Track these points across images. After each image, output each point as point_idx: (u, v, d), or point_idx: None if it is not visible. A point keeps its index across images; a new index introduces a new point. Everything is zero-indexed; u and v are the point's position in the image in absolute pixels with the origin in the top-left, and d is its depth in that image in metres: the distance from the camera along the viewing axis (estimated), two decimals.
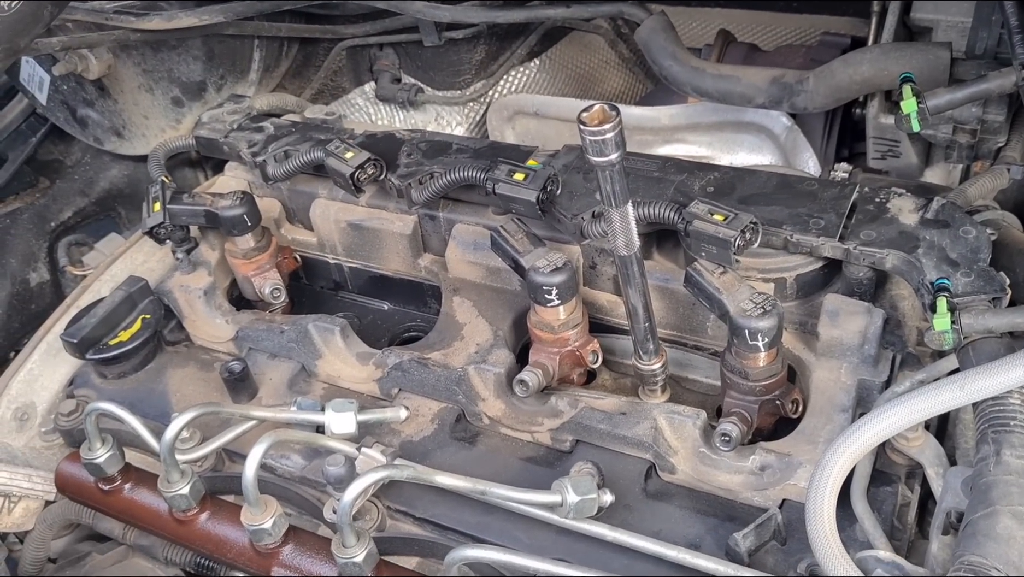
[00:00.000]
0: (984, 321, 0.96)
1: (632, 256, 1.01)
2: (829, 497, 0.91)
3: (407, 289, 1.45)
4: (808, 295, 1.19)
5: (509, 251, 1.17)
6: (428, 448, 1.19)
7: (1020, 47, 1.10)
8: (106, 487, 1.23)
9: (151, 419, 1.28)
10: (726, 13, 1.87)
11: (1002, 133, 1.32)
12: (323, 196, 1.43)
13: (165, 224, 1.38)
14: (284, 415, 1.17)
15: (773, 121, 1.54)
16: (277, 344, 1.33)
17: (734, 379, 1.09)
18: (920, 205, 1.13)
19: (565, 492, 1.00)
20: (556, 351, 1.18)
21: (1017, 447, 0.87)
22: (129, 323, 1.37)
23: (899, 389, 1.02)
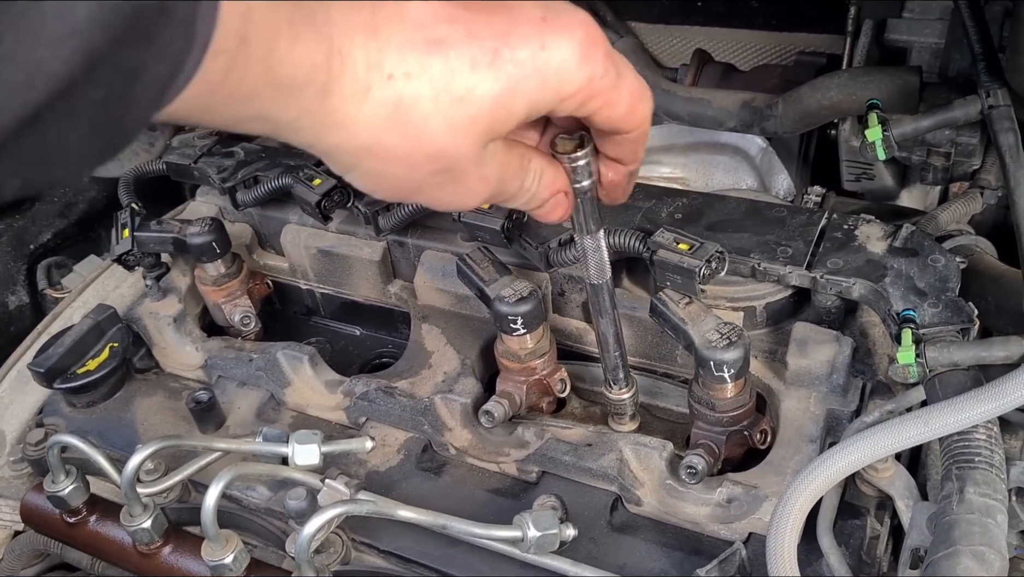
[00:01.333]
0: (949, 354, 0.95)
1: (603, 284, 0.99)
2: (790, 534, 0.90)
3: (378, 315, 1.44)
4: (778, 323, 1.18)
5: (475, 280, 1.15)
6: (394, 479, 1.18)
7: (984, 75, 1.10)
8: (71, 519, 1.21)
9: (119, 449, 1.27)
10: (704, 31, 1.86)
11: (976, 155, 1.31)
12: (293, 222, 1.42)
13: (133, 251, 1.37)
14: (248, 446, 1.15)
15: (748, 143, 1.53)
16: (246, 372, 1.32)
17: (701, 410, 1.08)
18: (889, 232, 1.12)
19: (526, 527, 0.99)
20: (523, 380, 1.16)
21: (981, 484, 0.86)
22: (97, 352, 1.36)
23: (868, 419, 1.00)
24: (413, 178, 0.65)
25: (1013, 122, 1.11)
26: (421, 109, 0.60)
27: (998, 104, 1.12)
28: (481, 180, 0.69)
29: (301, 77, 0.55)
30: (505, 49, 0.62)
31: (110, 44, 0.43)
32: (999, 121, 1.11)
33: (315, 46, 0.55)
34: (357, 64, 0.58)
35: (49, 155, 0.46)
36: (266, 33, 0.52)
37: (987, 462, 0.87)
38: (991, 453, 0.88)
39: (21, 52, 0.41)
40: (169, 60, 0.47)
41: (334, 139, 0.61)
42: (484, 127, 0.64)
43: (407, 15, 0.60)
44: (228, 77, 0.52)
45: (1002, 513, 0.84)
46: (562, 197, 0.80)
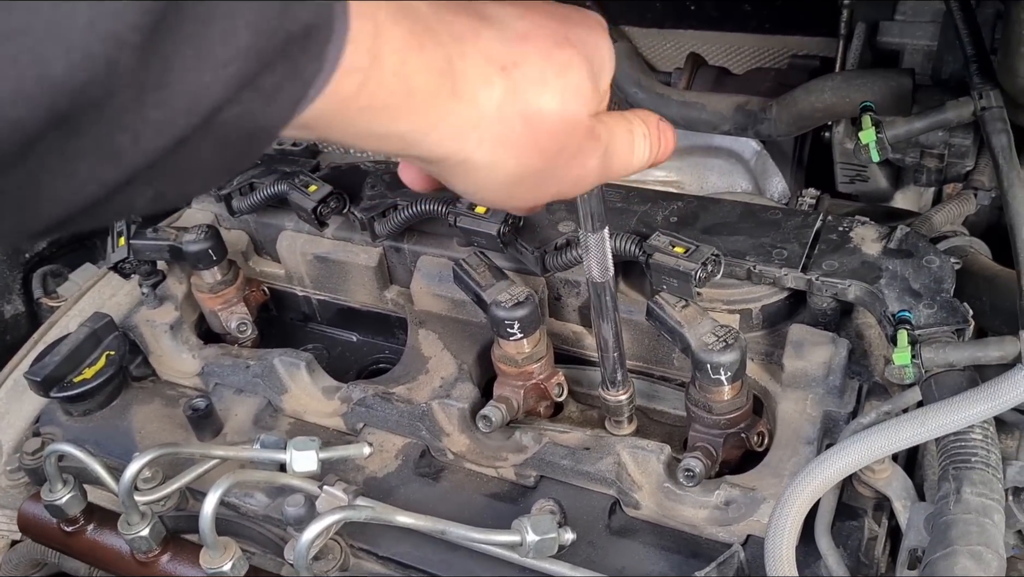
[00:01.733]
0: (945, 355, 0.95)
1: (606, 284, 1.00)
2: (788, 536, 0.90)
3: (375, 321, 1.44)
4: (774, 325, 1.18)
5: (471, 285, 1.16)
6: (392, 484, 1.18)
7: (977, 77, 1.10)
8: (68, 528, 1.21)
9: (116, 457, 1.27)
10: (698, 35, 1.87)
11: (969, 157, 1.31)
12: (289, 228, 1.42)
13: (129, 259, 1.37)
14: (246, 453, 1.15)
15: (742, 146, 1.53)
16: (243, 379, 1.32)
17: (698, 412, 1.08)
18: (884, 234, 1.12)
19: (524, 532, 0.99)
20: (520, 385, 1.17)
21: (977, 484, 0.86)
22: (93, 360, 1.35)
23: (864, 420, 1.00)
24: (545, 166, 0.70)
25: (1006, 123, 1.11)
26: (534, 91, 0.66)
27: (990, 105, 1.13)
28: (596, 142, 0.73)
29: (433, 83, 0.59)
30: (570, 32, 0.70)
31: (260, 68, 0.45)
32: (992, 122, 1.11)
33: (437, 53, 0.59)
34: (476, 64, 0.63)
35: (188, 172, 0.47)
36: (395, 47, 0.55)
37: (984, 462, 0.88)
38: (987, 453, 0.88)
39: (188, 76, 0.42)
40: (303, 82, 0.50)
41: (472, 139, 0.64)
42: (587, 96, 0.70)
43: (491, 17, 0.66)
44: (362, 91, 0.54)
45: (999, 513, 0.84)
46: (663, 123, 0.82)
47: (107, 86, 0.40)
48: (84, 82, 0.39)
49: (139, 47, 0.40)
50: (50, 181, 0.42)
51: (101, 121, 0.41)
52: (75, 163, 0.42)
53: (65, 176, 0.42)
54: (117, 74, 0.40)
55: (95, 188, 0.44)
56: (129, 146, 0.43)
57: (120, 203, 0.47)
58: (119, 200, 0.46)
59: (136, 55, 0.40)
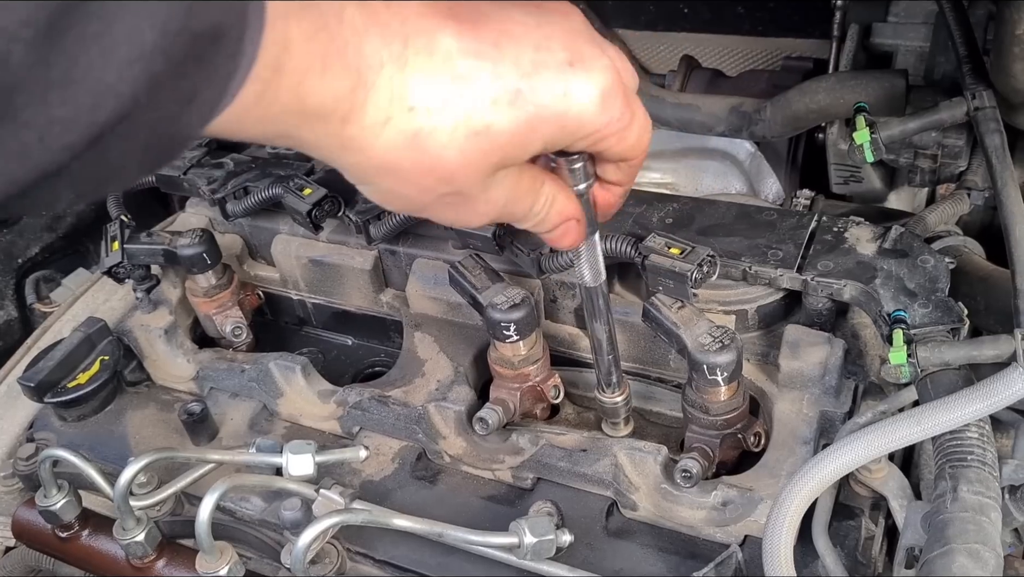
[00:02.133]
0: (941, 354, 0.95)
1: (598, 288, 0.99)
2: (786, 536, 0.90)
3: (370, 324, 1.43)
4: (770, 326, 1.18)
5: (467, 287, 1.15)
6: (389, 488, 1.18)
7: (969, 77, 1.11)
8: (63, 534, 1.21)
9: (111, 462, 1.26)
10: (692, 38, 1.88)
11: (962, 157, 1.32)
12: (284, 232, 1.42)
13: (123, 264, 1.36)
14: (241, 457, 1.15)
15: (737, 147, 1.54)
16: (238, 383, 1.32)
17: (695, 413, 1.08)
18: (878, 234, 1.13)
19: (522, 533, 0.99)
20: (517, 387, 1.16)
21: (974, 482, 0.86)
22: (87, 365, 1.35)
23: (861, 420, 1.01)
24: (423, 199, 0.69)
25: (999, 123, 1.11)
26: (437, 140, 0.63)
27: (983, 106, 1.13)
28: (488, 203, 0.72)
29: (326, 106, 0.58)
30: (528, 91, 0.65)
31: (169, 69, 0.45)
32: (985, 123, 1.12)
33: (343, 78, 0.58)
34: (381, 96, 0.61)
35: (104, 172, 0.48)
36: (299, 65, 0.55)
37: (980, 460, 0.88)
38: (984, 451, 0.89)
39: (93, 74, 0.43)
40: (218, 84, 0.50)
41: (351, 159, 0.64)
42: (496, 159, 0.67)
43: (437, 49, 0.62)
44: (259, 102, 0.54)
45: (996, 511, 0.85)
46: (573, 224, 0.82)
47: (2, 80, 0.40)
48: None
49: (33, 43, 0.40)
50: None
51: (4, 118, 0.41)
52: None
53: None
54: (11, 69, 0.40)
55: (5, 185, 0.44)
56: (35, 143, 0.43)
57: (39, 200, 0.47)
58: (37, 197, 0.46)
59: (31, 51, 0.40)
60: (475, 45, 0.64)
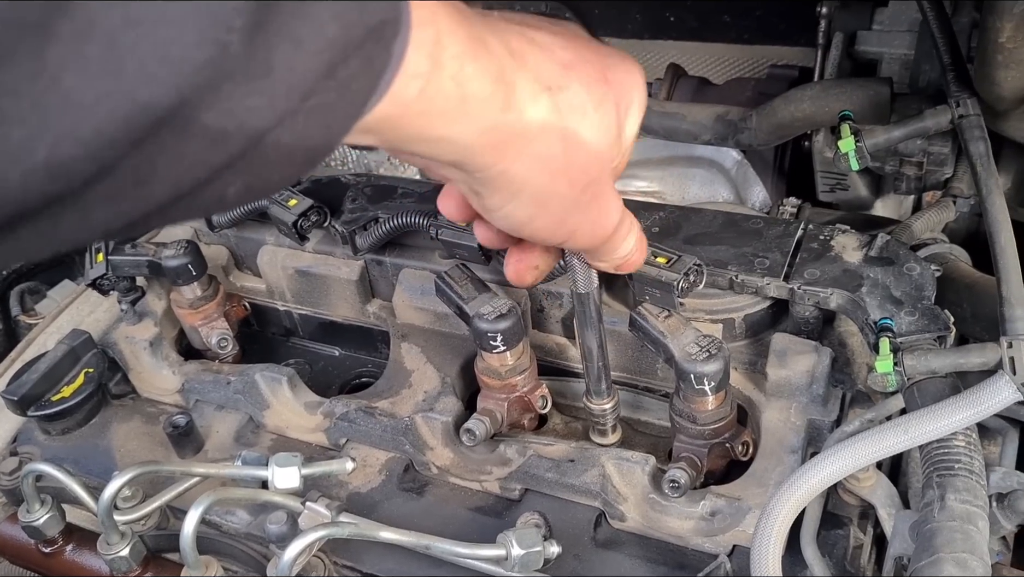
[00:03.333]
0: (927, 362, 0.95)
1: (589, 295, 0.99)
2: (774, 546, 0.90)
3: (357, 335, 1.43)
4: (757, 334, 1.18)
5: (453, 297, 1.15)
6: (376, 500, 1.17)
7: (954, 85, 1.11)
8: (47, 549, 1.20)
9: (95, 476, 1.25)
10: (678, 46, 1.88)
11: (948, 165, 1.32)
12: (270, 242, 1.41)
13: (108, 275, 1.35)
14: (227, 471, 1.14)
15: (723, 156, 1.54)
16: (224, 395, 1.31)
17: (682, 423, 1.08)
18: (864, 242, 1.13)
19: (510, 545, 0.98)
20: (504, 397, 1.16)
21: (961, 491, 0.86)
22: (72, 378, 1.34)
23: (848, 429, 1.00)
24: (571, 195, 0.73)
25: (983, 130, 1.12)
26: (574, 118, 0.69)
27: (968, 113, 1.13)
28: (615, 199, 0.78)
29: (487, 91, 0.62)
30: (608, 71, 0.73)
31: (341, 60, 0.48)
32: (969, 130, 1.12)
33: (490, 64, 0.62)
34: (525, 80, 0.65)
35: (271, 159, 0.50)
36: (454, 53, 0.58)
37: (967, 469, 0.88)
38: (971, 460, 0.88)
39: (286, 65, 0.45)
40: (374, 74, 0.52)
41: (513, 152, 0.67)
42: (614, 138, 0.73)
43: (540, 42, 0.69)
44: (422, 96, 0.57)
45: (983, 519, 0.84)
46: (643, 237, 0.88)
47: (221, 69, 0.42)
48: (201, 63, 0.41)
49: (243, 32, 0.42)
50: (165, 162, 0.44)
51: (215, 105, 0.44)
52: (188, 145, 0.44)
53: (178, 157, 0.45)
54: (228, 57, 0.42)
55: (201, 171, 0.47)
56: (234, 131, 0.45)
57: (214, 191, 0.49)
58: (214, 187, 0.48)
59: (242, 41, 0.42)
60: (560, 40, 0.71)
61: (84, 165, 0.42)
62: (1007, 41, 0.99)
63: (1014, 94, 1.08)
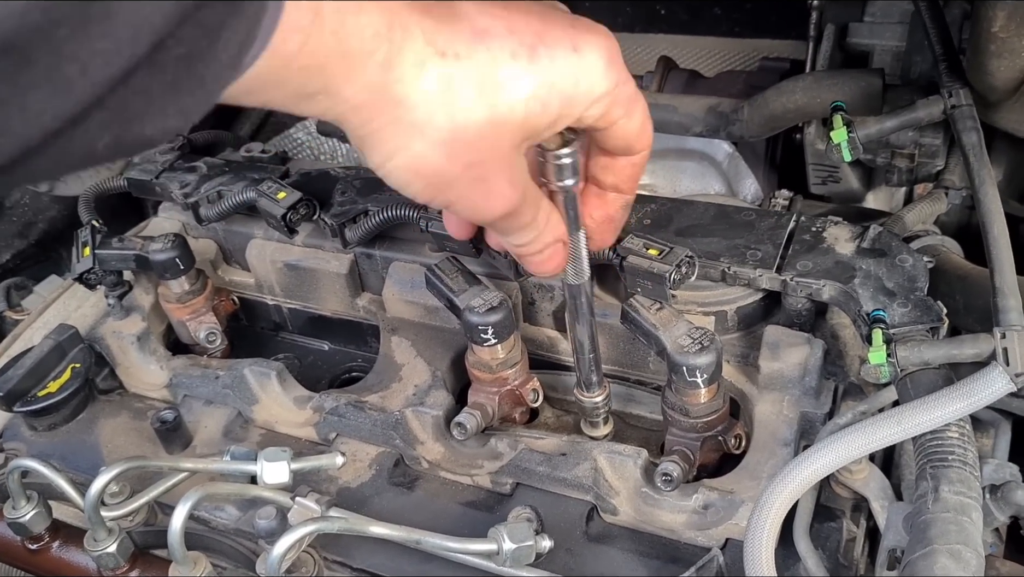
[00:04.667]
0: (920, 353, 0.95)
1: (581, 286, 0.98)
2: (767, 539, 0.89)
3: (347, 329, 1.42)
4: (750, 327, 1.18)
5: (444, 290, 1.14)
6: (366, 494, 1.16)
7: (946, 75, 1.10)
8: (33, 546, 1.18)
9: (82, 472, 1.24)
10: (669, 39, 1.88)
11: (940, 156, 1.32)
12: (259, 236, 1.40)
13: (95, 270, 1.34)
14: (215, 466, 1.13)
15: (715, 148, 1.53)
16: (212, 390, 1.30)
17: (675, 416, 1.07)
18: (857, 233, 1.12)
19: (501, 540, 0.98)
20: (495, 391, 1.15)
21: (955, 483, 0.86)
22: (58, 373, 1.32)
23: (841, 421, 1.00)
24: (451, 170, 0.69)
25: (975, 121, 1.11)
26: (468, 94, 0.65)
27: (960, 104, 1.13)
28: (509, 185, 0.73)
29: (367, 46, 0.60)
30: (542, 46, 0.68)
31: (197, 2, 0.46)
32: (962, 120, 1.12)
33: (378, 16, 0.60)
34: (416, 38, 0.62)
35: (138, 109, 0.48)
36: (337, 6, 0.56)
37: (961, 460, 0.87)
38: (964, 451, 0.88)
39: (130, 7, 0.44)
40: (247, 20, 0.51)
41: (390, 115, 0.64)
42: (519, 121, 0.68)
43: (455, 7, 0.65)
44: (302, 50, 0.56)
45: (977, 511, 0.84)
46: (560, 247, 0.85)
47: (49, 13, 0.41)
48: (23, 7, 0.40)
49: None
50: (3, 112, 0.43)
51: (49, 51, 0.42)
52: (27, 93, 0.43)
53: (19, 107, 0.44)
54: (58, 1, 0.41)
55: (48, 120, 0.45)
56: (78, 76, 0.44)
57: (78, 143, 0.48)
58: (76, 139, 0.47)
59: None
60: (488, 7, 0.67)
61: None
62: (1000, 30, 0.98)
63: (1006, 84, 1.08)
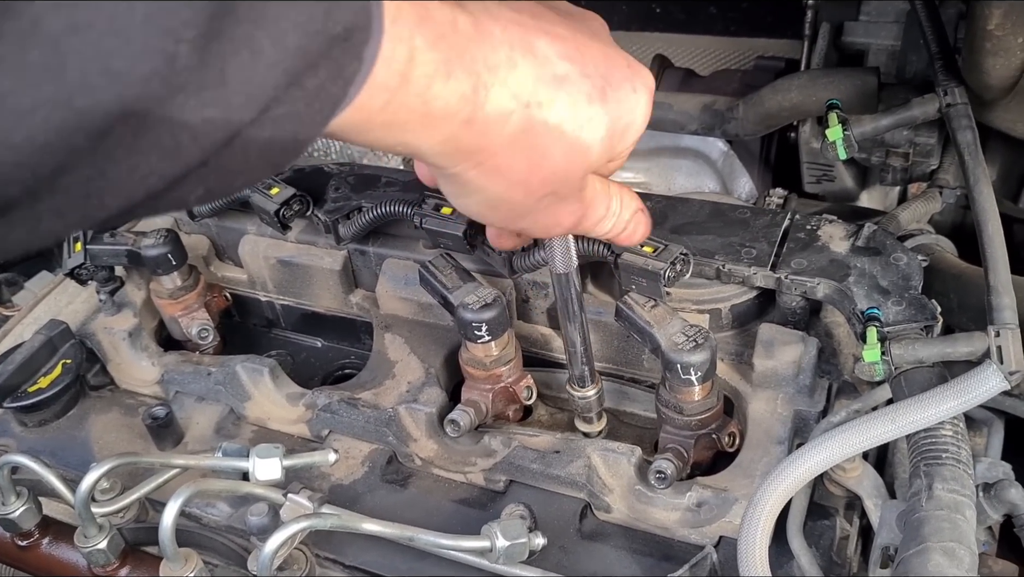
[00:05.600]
0: (914, 351, 0.94)
1: (569, 276, 0.98)
2: (761, 537, 0.89)
3: (340, 325, 1.41)
4: (744, 325, 1.18)
5: (438, 287, 1.14)
6: (359, 492, 1.16)
7: (941, 74, 1.10)
8: (22, 542, 1.17)
9: (73, 468, 1.23)
10: (665, 38, 1.87)
11: (934, 155, 1.32)
12: (252, 232, 1.39)
13: (86, 265, 1.33)
14: (207, 462, 1.12)
15: (710, 146, 1.53)
16: (204, 387, 1.29)
17: (669, 414, 1.07)
18: (851, 232, 1.12)
19: (494, 537, 0.97)
20: (489, 388, 1.15)
21: (949, 480, 0.86)
22: (49, 369, 1.32)
23: (835, 419, 1.00)
24: (526, 203, 0.72)
25: (971, 120, 1.11)
26: (548, 136, 0.67)
27: (955, 102, 1.13)
28: (579, 201, 0.77)
29: (451, 108, 0.61)
30: (609, 88, 0.71)
31: (306, 68, 0.47)
32: (957, 119, 1.12)
33: (464, 81, 0.61)
34: (501, 95, 0.64)
35: (235, 167, 0.49)
36: (425, 72, 0.58)
37: (954, 458, 0.87)
38: (958, 449, 0.88)
39: (243, 76, 0.45)
40: (343, 83, 0.52)
41: (471, 162, 0.66)
42: (595, 156, 0.71)
43: (537, 53, 0.67)
44: (386, 108, 0.57)
45: (971, 509, 0.84)
46: (641, 214, 0.87)
47: (169, 81, 0.42)
48: (145, 75, 0.41)
49: (195, 43, 0.42)
50: (116, 174, 0.44)
51: (165, 118, 0.43)
52: (140, 157, 0.44)
53: (130, 169, 0.44)
54: (177, 70, 0.42)
55: (155, 181, 0.46)
56: (189, 143, 0.45)
57: (175, 196, 0.49)
58: (174, 194, 0.48)
59: (194, 52, 0.42)
60: (564, 49, 0.69)
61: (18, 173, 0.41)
62: (995, 28, 0.98)
63: (1002, 83, 1.08)
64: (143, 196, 0.46)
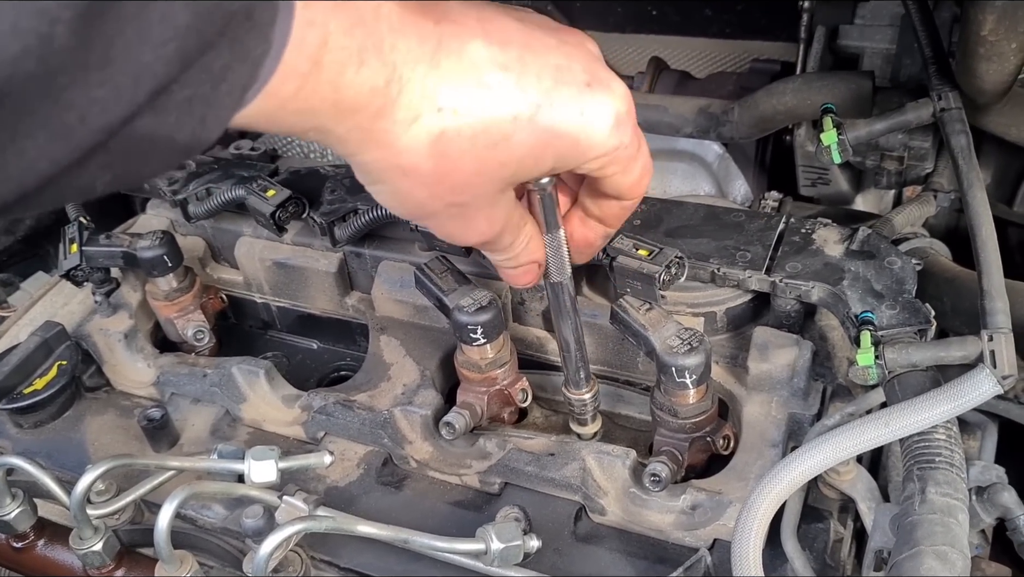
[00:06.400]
0: (908, 355, 0.95)
1: (563, 284, 0.98)
2: (755, 540, 0.89)
3: (336, 328, 1.41)
4: (739, 328, 1.18)
5: (433, 290, 1.14)
6: (354, 494, 1.16)
7: (935, 78, 1.11)
8: (17, 544, 1.17)
9: (68, 470, 1.23)
10: (660, 40, 1.88)
11: (929, 159, 1.32)
12: (248, 234, 1.39)
13: (82, 266, 1.33)
14: (203, 464, 1.12)
15: (705, 149, 1.53)
16: (200, 388, 1.29)
17: (663, 417, 1.07)
18: (846, 236, 1.12)
19: (489, 540, 0.97)
20: (484, 390, 1.15)
21: (942, 484, 0.86)
22: (44, 370, 1.32)
23: (829, 422, 1.00)
24: (431, 205, 0.71)
25: (964, 124, 1.12)
26: (459, 145, 0.65)
27: (949, 107, 1.13)
28: (488, 221, 0.75)
29: (361, 99, 0.60)
30: (547, 108, 0.68)
31: (202, 47, 0.47)
32: (951, 123, 1.12)
33: (379, 73, 0.60)
34: (413, 93, 0.62)
35: (139, 151, 0.49)
36: (337, 59, 0.57)
37: (948, 462, 0.88)
38: (951, 453, 0.88)
39: (130, 54, 0.44)
40: (250, 64, 0.51)
41: (375, 155, 0.65)
42: (509, 174, 0.70)
43: (466, 55, 0.65)
44: (298, 94, 0.56)
45: (964, 512, 0.84)
46: (534, 267, 0.87)
47: (45, 62, 0.41)
48: (16, 55, 0.40)
49: (72, 24, 0.41)
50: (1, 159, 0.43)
51: (46, 99, 0.42)
52: (24, 141, 0.43)
53: (16, 154, 0.44)
54: (54, 50, 0.41)
55: (46, 166, 0.45)
56: (77, 124, 0.44)
57: (78, 183, 0.48)
58: (76, 180, 0.47)
59: (71, 33, 0.41)
60: (502, 57, 0.66)
61: None
62: (989, 34, 0.98)
63: (995, 87, 1.08)
64: (36, 180, 0.45)
